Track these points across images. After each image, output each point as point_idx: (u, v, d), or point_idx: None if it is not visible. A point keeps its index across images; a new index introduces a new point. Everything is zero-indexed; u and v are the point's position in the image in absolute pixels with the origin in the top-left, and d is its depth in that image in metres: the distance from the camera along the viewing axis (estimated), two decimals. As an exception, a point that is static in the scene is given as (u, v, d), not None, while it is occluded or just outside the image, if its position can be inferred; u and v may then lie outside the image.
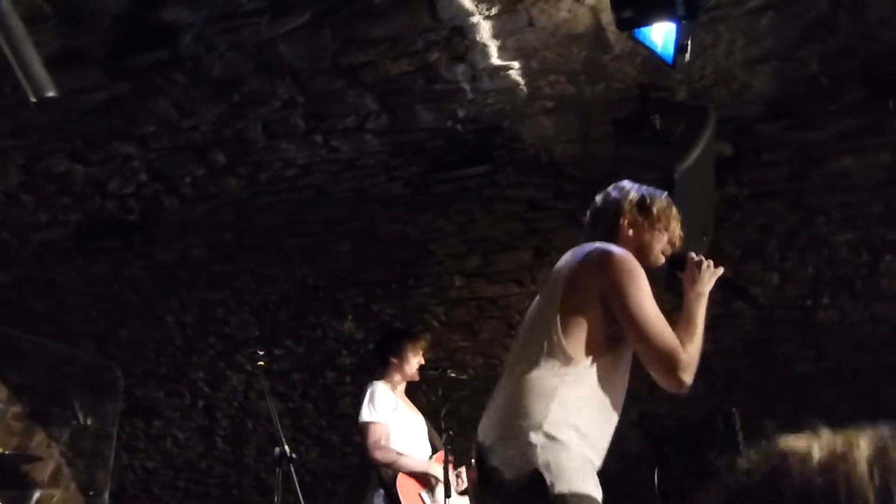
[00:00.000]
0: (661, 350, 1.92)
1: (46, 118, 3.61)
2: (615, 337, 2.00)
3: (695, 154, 3.55)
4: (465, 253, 4.58)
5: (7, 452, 5.12)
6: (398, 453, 3.83)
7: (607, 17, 3.05)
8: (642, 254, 2.13)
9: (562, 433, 1.87)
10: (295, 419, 5.76)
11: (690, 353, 1.94)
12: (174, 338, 5.42)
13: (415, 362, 4.06)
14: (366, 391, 3.96)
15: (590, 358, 1.97)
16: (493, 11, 3.12)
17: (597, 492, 1.90)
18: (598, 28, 3.20)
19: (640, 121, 3.60)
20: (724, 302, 4.86)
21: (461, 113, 3.63)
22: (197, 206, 4.26)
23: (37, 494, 5.75)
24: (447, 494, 3.69)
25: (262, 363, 3.61)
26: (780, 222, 4.28)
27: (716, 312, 4.89)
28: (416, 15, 3.08)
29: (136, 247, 4.61)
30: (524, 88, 3.52)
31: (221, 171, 3.99)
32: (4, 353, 5.40)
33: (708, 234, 4.00)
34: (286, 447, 3.41)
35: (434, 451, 4.04)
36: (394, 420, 3.90)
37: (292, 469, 3.43)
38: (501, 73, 3.42)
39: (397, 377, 4.04)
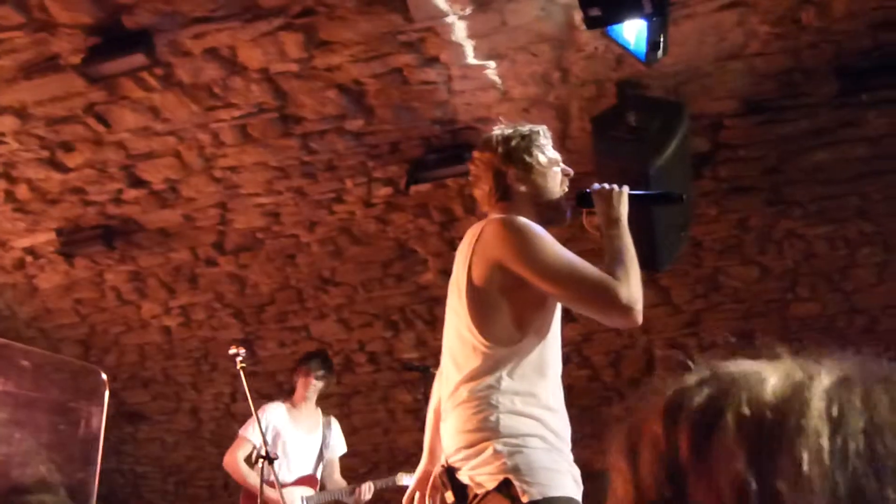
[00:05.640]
0: (590, 288, 1.75)
1: (26, 126, 3.61)
2: (535, 307, 1.85)
3: (670, 149, 3.58)
4: (447, 251, 4.60)
5: (-6, 459, 5.11)
6: (241, 469, 4.02)
7: (580, 16, 3.07)
8: (543, 197, 1.97)
9: (524, 432, 1.76)
10: (282, 420, 5.77)
11: (623, 277, 1.75)
12: (159, 342, 5.42)
13: (313, 385, 4.13)
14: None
15: (517, 342, 1.82)
16: (467, 11, 3.13)
17: (575, 489, 1.78)
18: (572, 27, 3.22)
19: (616, 118, 3.64)
20: (705, 295, 4.91)
21: (438, 113, 3.65)
22: (176, 210, 4.26)
23: (27, 500, 5.74)
24: None
25: (243, 365, 3.62)
26: (757, 216, 4.32)
27: (696, 307, 4.97)
28: (389, 16, 3.09)
29: (118, 252, 4.61)
30: (500, 87, 3.53)
31: (199, 175, 3.99)
32: (-11, 359, 5.38)
33: (686, 230, 4.03)
34: (266, 448, 3.43)
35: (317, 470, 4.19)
36: (273, 441, 3.98)
37: (273, 469, 3.46)
38: (476, 72, 3.43)
39: (298, 398, 4.17)
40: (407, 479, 4.19)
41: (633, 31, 3.00)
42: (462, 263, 1.92)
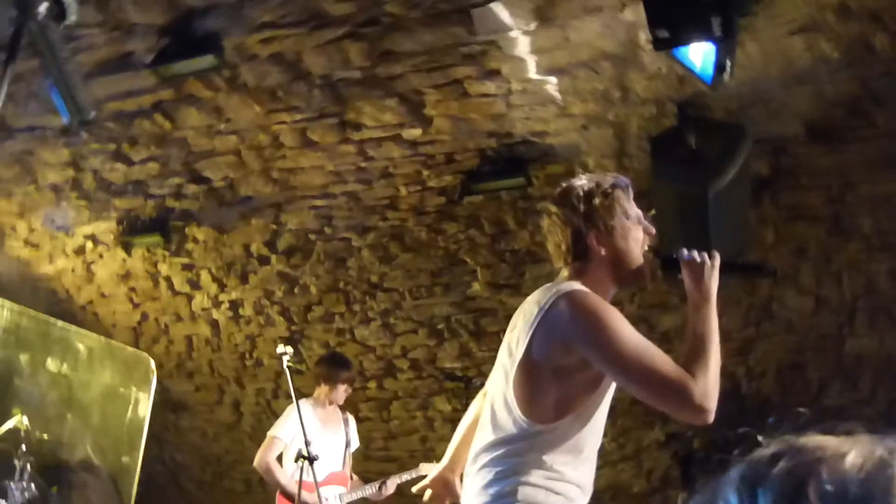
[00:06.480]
0: (664, 385, 1.65)
1: (95, 119, 3.73)
2: (583, 393, 1.77)
3: (731, 173, 3.52)
4: (496, 263, 4.59)
5: (46, 438, 5.27)
6: (276, 471, 4.00)
7: (644, 36, 3.04)
8: (624, 262, 1.83)
9: (541, 502, 1.74)
10: (321, 420, 5.81)
11: (700, 374, 1.64)
12: (207, 334, 5.53)
13: (342, 390, 4.19)
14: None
15: (554, 421, 1.76)
16: (531, 27, 3.13)
17: None
18: (635, 45, 3.19)
19: (676, 138, 3.58)
20: (757, 323, 4.79)
21: (496, 126, 3.65)
22: (233, 208, 4.35)
23: (70, 478, 5.91)
24: None
25: (290, 364, 3.67)
26: (816, 246, 4.20)
27: (748, 335, 4.85)
28: (452, 29, 3.11)
29: (174, 244, 4.73)
30: (559, 103, 3.52)
31: (257, 175, 4.07)
32: (46, 340, 5.57)
33: (743, 256, 3.95)
34: (310, 448, 3.48)
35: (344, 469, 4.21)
36: (299, 440, 3.95)
37: (313, 470, 3.49)
38: (536, 87, 3.43)
39: (323, 399, 4.20)
40: (427, 468, 4.27)
41: (699, 53, 2.96)
42: (523, 329, 1.78)
